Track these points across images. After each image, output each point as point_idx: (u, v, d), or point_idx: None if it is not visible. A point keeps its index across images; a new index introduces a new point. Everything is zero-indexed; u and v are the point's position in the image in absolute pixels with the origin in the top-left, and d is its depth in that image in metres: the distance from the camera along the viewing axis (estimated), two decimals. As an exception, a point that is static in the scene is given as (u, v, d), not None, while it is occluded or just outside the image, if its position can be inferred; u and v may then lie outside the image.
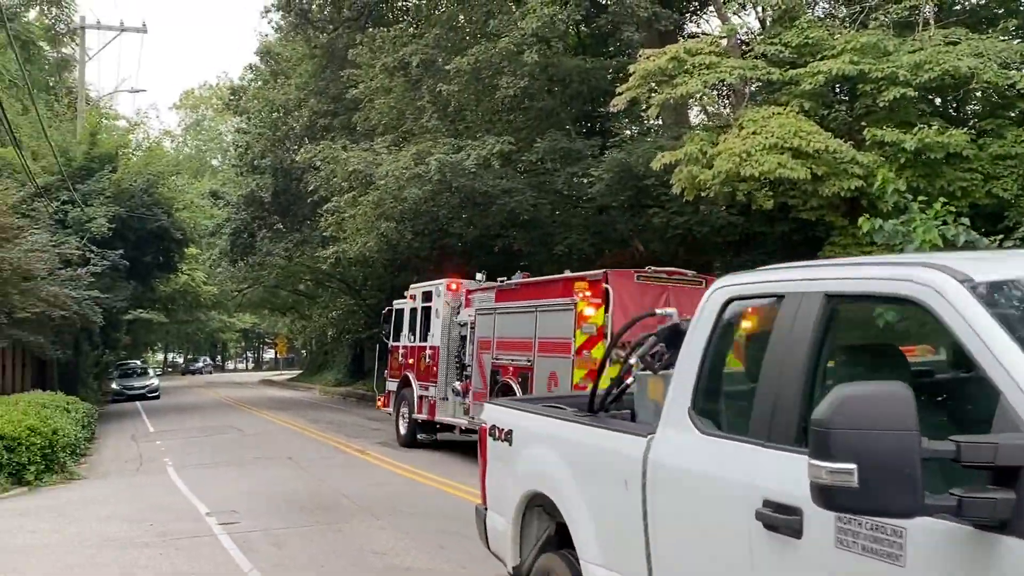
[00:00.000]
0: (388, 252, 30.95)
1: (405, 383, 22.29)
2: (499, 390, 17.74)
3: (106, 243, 30.82)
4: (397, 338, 23.41)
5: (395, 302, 24.34)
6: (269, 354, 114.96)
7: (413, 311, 22.69)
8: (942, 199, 10.96)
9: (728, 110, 23.09)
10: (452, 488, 15.41)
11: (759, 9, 22.06)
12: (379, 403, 24.87)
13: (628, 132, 30.44)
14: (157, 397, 46.23)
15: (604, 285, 15.80)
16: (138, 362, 61.09)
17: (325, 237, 33.13)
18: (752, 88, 19.06)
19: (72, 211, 31.29)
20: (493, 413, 7.07)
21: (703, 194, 16.93)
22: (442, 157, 22.31)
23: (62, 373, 34.51)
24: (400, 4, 36.35)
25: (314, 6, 34.82)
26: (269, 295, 58.74)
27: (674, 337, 5.60)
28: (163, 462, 20.14)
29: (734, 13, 21.28)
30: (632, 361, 6.07)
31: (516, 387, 17.34)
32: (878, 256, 10.02)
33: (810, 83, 16.70)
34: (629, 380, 6.18)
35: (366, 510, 13.30)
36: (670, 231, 21.05)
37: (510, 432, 6.55)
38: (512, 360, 17.76)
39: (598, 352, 15.11)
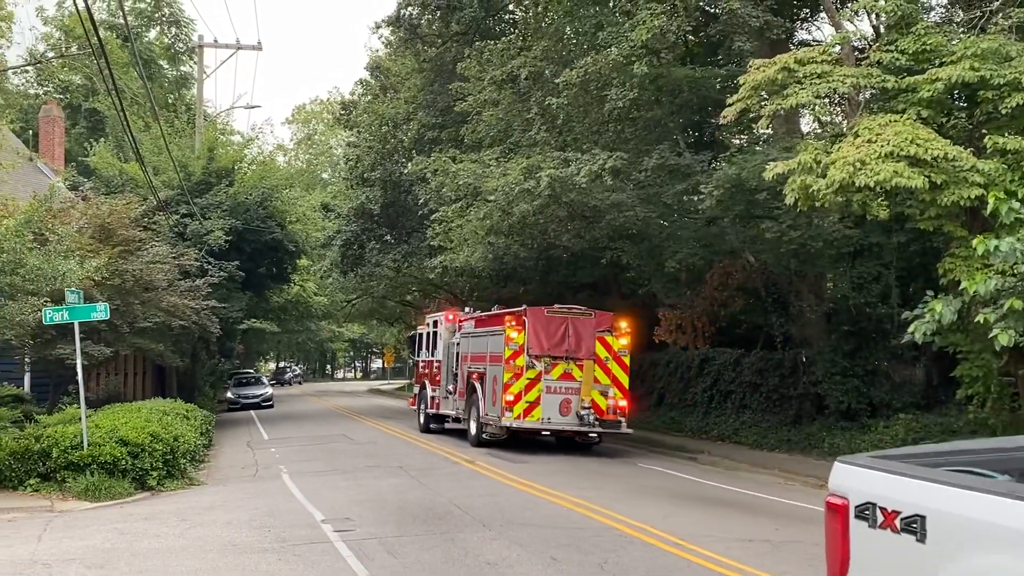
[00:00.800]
0: (495, 263, 31.20)
1: (423, 387, 30.04)
2: (469, 389, 25.36)
3: (223, 255, 31.71)
4: (418, 355, 31.32)
5: (418, 328, 33.35)
6: (377, 364, 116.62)
7: (427, 335, 30.38)
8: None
9: (841, 118, 22.66)
10: (562, 500, 15.45)
11: (874, 16, 21.61)
12: (410, 402, 33.11)
13: (737, 142, 30.09)
14: (271, 406, 46.78)
15: (523, 317, 23.22)
16: (252, 371, 62.41)
17: (432, 248, 33.60)
18: (866, 96, 18.66)
19: (191, 224, 32.31)
20: (865, 481, 4.60)
21: (817, 204, 16.63)
22: (553, 172, 22.33)
23: (180, 381, 35.61)
24: (507, 17, 36.66)
25: (423, 21, 35.40)
26: (377, 305, 59.63)
27: None
28: (278, 469, 20.60)
29: (847, 20, 20.87)
30: None
31: (478, 386, 24.63)
32: None
33: (928, 90, 16.28)
34: None
35: (477, 520, 13.40)
36: (783, 245, 20.68)
37: (918, 520, 4.15)
38: (476, 368, 25.02)
39: (520, 361, 22.75)
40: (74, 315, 17.98)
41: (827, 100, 19.78)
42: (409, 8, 35.22)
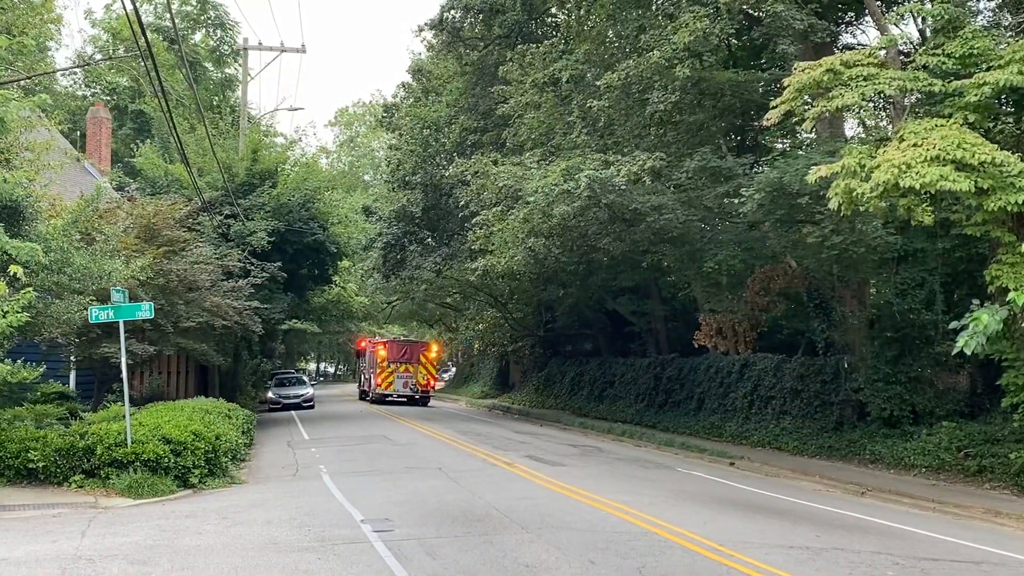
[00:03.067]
0: (535, 266, 31.13)
1: (360, 377, 59.25)
2: (369, 377, 52.89)
3: (265, 256, 31.90)
4: (360, 360, 61.14)
5: (360, 345, 61.31)
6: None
7: (363, 350, 57.14)
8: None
9: (886, 122, 22.44)
10: (600, 504, 15.42)
11: (920, 19, 21.39)
12: (357, 386, 60.99)
13: (780, 145, 29.85)
14: (312, 407, 46.71)
15: (386, 343, 51.15)
16: (294, 371, 62.67)
17: (473, 251, 33.59)
18: (912, 100, 18.47)
19: (234, 225, 32.52)
20: None
21: (860, 208, 16.48)
22: (592, 173, 22.25)
23: (223, 380, 35.86)
24: (550, 20, 36.68)
25: (465, 24, 35.51)
26: (417, 307, 59.82)
27: None
28: (318, 469, 20.71)
29: (893, 24, 20.67)
30: None
31: (371, 375, 51.34)
32: None
33: (975, 95, 16.10)
34: None
35: (516, 522, 13.41)
36: (825, 250, 20.47)
37: None
38: (372, 368, 51.73)
39: (384, 364, 49.16)
40: (119, 314, 18.17)
41: (873, 103, 19.61)
42: (452, 11, 35.34)
